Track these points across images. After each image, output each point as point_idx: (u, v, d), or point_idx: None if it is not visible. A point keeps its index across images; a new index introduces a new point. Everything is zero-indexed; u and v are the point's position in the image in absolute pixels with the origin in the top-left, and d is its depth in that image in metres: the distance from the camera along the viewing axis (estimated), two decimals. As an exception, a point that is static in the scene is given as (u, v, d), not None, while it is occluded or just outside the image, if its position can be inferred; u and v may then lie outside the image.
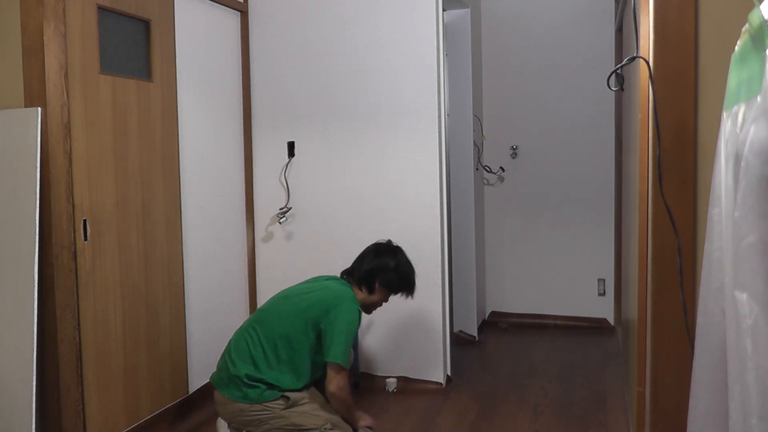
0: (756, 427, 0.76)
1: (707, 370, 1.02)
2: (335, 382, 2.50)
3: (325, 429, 2.50)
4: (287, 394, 2.52)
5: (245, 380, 2.52)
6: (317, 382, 2.71)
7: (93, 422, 2.68)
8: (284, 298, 2.70)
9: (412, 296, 2.83)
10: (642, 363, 2.34)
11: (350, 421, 2.63)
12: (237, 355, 2.58)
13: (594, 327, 4.67)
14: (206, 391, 3.37)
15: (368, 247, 2.85)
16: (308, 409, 2.52)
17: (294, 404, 2.52)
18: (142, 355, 2.95)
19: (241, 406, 2.49)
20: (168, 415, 3.09)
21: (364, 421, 2.72)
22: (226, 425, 2.70)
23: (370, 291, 2.74)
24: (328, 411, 2.55)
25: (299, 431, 2.52)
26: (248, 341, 2.59)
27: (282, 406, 2.50)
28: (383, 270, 2.73)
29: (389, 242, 2.87)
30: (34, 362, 2.39)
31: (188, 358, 3.25)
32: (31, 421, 2.37)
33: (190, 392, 3.26)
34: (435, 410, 3.28)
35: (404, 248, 3.55)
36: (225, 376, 2.57)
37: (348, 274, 2.80)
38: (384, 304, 2.85)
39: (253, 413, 2.50)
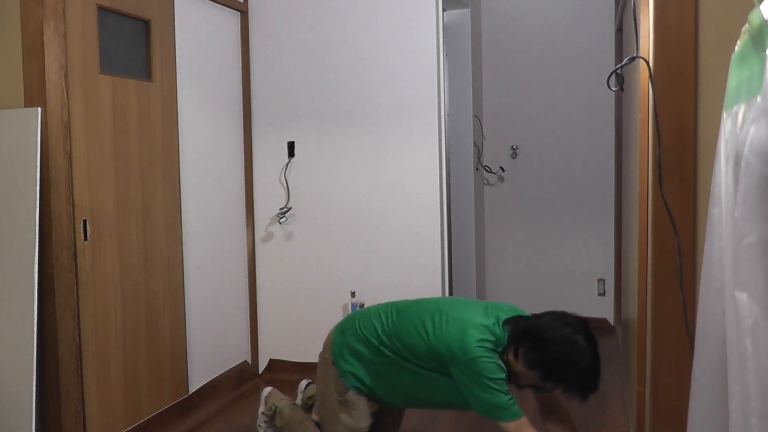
0: (756, 427, 0.76)
1: (707, 370, 1.02)
2: None
3: None
4: (351, 389, 2.33)
5: (352, 348, 2.34)
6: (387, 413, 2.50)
7: (93, 422, 2.68)
8: (436, 309, 2.24)
9: (582, 400, 2.12)
10: (642, 363, 2.34)
11: None
12: (365, 323, 2.34)
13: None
14: (206, 391, 3.37)
15: (556, 312, 2.19)
16: (342, 418, 2.34)
17: (346, 403, 2.35)
18: (142, 355, 2.95)
19: (327, 354, 2.42)
20: (168, 415, 3.09)
21: None
22: (266, 394, 2.71)
23: (515, 356, 2.08)
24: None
25: (320, 423, 2.47)
26: (381, 322, 2.32)
27: (336, 393, 2.37)
28: (533, 337, 2.03)
29: (580, 320, 2.17)
30: (34, 362, 2.39)
31: (188, 358, 3.25)
32: (31, 421, 2.37)
33: (190, 392, 3.26)
34: (435, 411, 3.27)
35: (404, 248, 3.57)
36: (347, 326, 2.39)
37: (512, 322, 2.16)
38: (543, 388, 2.17)
39: (326, 370, 2.41)
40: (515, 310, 2.25)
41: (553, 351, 1.99)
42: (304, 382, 2.96)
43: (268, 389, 2.83)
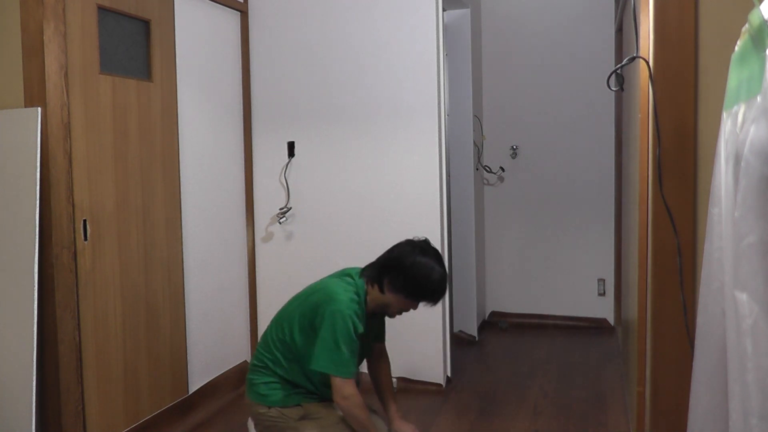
0: (756, 427, 0.76)
1: (707, 370, 1.02)
2: (335, 392, 2.25)
3: None
4: (303, 403, 2.38)
5: (261, 380, 2.40)
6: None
7: (93, 422, 2.68)
8: (297, 297, 2.47)
9: (432, 304, 2.35)
10: (642, 363, 2.34)
11: None
12: (256, 354, 2.45)
13: (594, 327, 4.67)
14: (206, 391, 3.37)
15: (399, 242, 2.43)
16: (321, 425, 2.34)
17: (307, 416, 2.37)
18: (142, 355, 2.95)
19: (260, 409, 2.38)
20: (168, 415, 3.09)
21: None
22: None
23: (381, 290, 2.33)
24: (342, 428, 2.35)
25: None
26: (267, 340, 2.43)
27: (297, 416, 2.36)
28: (394, 267, 2.30)
29: (423, 240, 2.40)
30: (34, 362, 2.39)
31: (188, 358, 3.25)
32: (31, 421, 2.37)
33: (190, 392, 3.26)
34: (435, 410, 3.28)
35: (404, 248, 3.56)
36: (251, 376, 2.44)
37: (366, 269, 2.42)
38: (412, 310, 2.40)
39: (271, 418, 2.38)
40: (357, 268, 2.47)
41: (413, 272, 2.26)
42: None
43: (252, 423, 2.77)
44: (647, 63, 1.93)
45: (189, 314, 3.27)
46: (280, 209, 3.76)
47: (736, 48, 0.93)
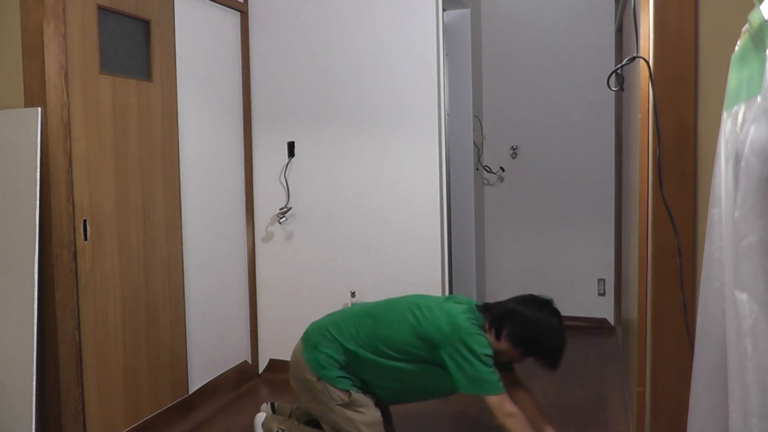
0: (756, 427, 0.76)
1: (707, 370, 1.02)
2: (498, 412, 2.24)
3: None
4: (352, 391, 2.39)
5: (327, 350, 2.40)
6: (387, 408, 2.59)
7: (93, 422, 2.68)
8: (412, 304, 2.43)
9: (551, 369, 2.38)
10: (642, 363, 2.34)
11: None
12: (332, 327, 2.45)
13: (594, 327, 4.67)
14: (206, 391, 3.37)
15: (525, 295, 2.48)
16: (357, 418, 2.36)
17: (350, 405, 2.38)
18: (142, 355, 2.95)
19: (309, 375, 2.42)
20: (168, 415, 3.09)
21: None
22: (262, 421, 2.69)
23: (497, 337, 2.34)
24: (375, 431, 2.39)
25: None
26: (359, 326, 2.43)
27: (340, 401, 2.39)
28: (516, 317, 2.32)
29: (550, 301, 2.45)
30: (34, 362, 2.39)
31: (188, 358, 3.25)
32: (31, 421, 2.37)
33: (190, 392, 3.26)
34: (435, 410, 3.28)
35: (404, 248, 3.57)
36: (317, 339, 2.45)
37: (485, 309, 2.43)
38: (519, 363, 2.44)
39: (315, 388, 2.42)
40: (474, 302, 2.48)
41: (535, 330, 2.31)
42: (260, 418, 2.83)
43: (261, 415, 2.76)
44: (647, 63, 1.93)
45: (189, 314, 3.27)
46: (280, 209, 3.76)
47: (736, 48, 0.93)
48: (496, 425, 2.30)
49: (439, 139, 3.48)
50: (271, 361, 3.84)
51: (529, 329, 2.31)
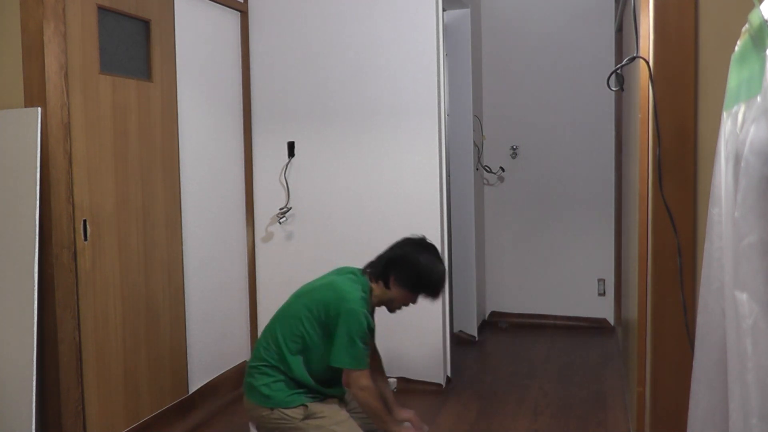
0: (756, 427, 0.76)
1: (707, 370, 1.02)
2: (352, 384, 2.34)
3: None
4: (307, 403, 2.38)
5: (262, 381, 2.39)
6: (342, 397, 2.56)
7: (93, 422, 2.68)
8: (298, 295, 2.53)
9: (433, 299, 2.51)
10: (642, 363, 2.34)
11: (383, 430, 2.39)
12: (256, 355, 2.47)
13: (594, 327, 4.67)
14: (206, 391, 3.37)
15: (398, 240, 2.56)
16: (325, 423, 2.35)
17: (311, 416, 2.37)
18: (142, 355, 2.95)
19: (263, 412, 2.38)
20: (168, 415, 3.09)
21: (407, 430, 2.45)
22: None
23: (386, 286, 2.45)
24: (346, 428, 2.38)
25: None
26: (267, 339, 2.46)
27: (300, 416, 2.37)
28: (399, 264, 2.43)
29: (421, 238, 2.55)
30: (34, 362, 2.39)
31: (188, 359, 3.25)
32: (31, 421, 2.37)
33: (190, 392, 3.26)
34: (435, 410, 3.28)
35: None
36: (248, 380, 2.45)
37: (370, 266, 2.53)
38: (411, 305, 2.54)
39: (273, 421, 2.38)
40: (356, 268, 2.55)
41: (418, 268, 2.42)
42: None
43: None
44: (647, 63, 1.93)
45: (189, 314, 3.27)
46: (280, 209, 3.76)
47: (736, 48, 0.93)
48: (497, 425, 2.30)
49: (439, 139, 3.48)
50: (271, 361, 3.84)
51: (413, 270, 2.42)
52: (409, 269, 2.42)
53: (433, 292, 2.47)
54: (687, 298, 1.65)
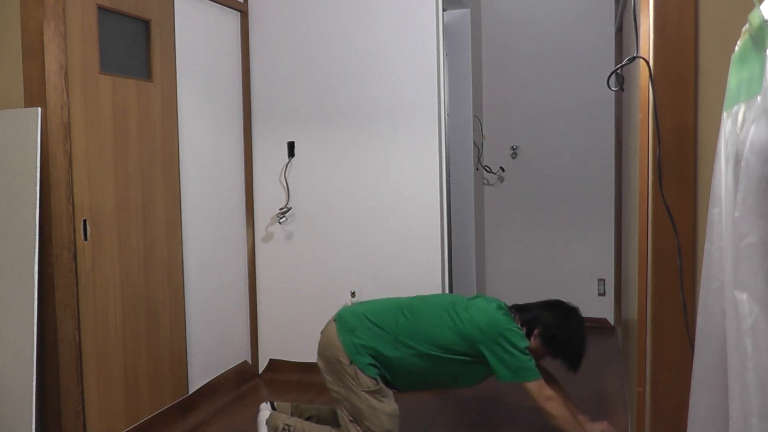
0: (756, 427, 0.76)
1: (707, 370, 1.02)
2: (537, 397, 2.46)
3: None
4: (379, 380, 2.49)
5: (363, 337, 2.50)
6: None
7: (93, 422, 2.68)
8: (448, 302, 2.61)
9: (573, 371, 2.63)
10: (642, 363, 2.34)
11: None
12: (378, 320, 2.55)
13: (594, 327, 4.66)
14: (206, 391, 3.37)
15: (553, 300, 2.71)
16: (379, 407, 2.46)
17: (377, 393, 2.47)
18: (142, 355, 2.95)
19: (341, 356, 2.48)
20: (168, 415, 3.09)
21: None
22: (266, 418, 2.69)
23: (528, 335, 2.56)
24: (391, 424, 2.48)
25: (357, 420, 2.50)
26: (397, 317, 2.55)
27: (367, 387, 2.46)
28: (550, 321, 2.56)
29: (576, 308, 2.68)
30: (34, 362, 2.39)
31: (188, 358, 3.25)
32: (31, 421, 2.37)
33: (190, 392, 3.26)
34: (435, 410, 3.28)
35: (404, 248, 3.57)
36: (354, 324, 2.54)
37: (517, 309, 2.64)
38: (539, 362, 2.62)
39: (344, 368, 2.48)
40: (501, 302, 2.67)
41: (565, 334, 2.55)
42: (263, 416, 2.79)
43: (265, 413, 2.74)
44: (647, 63, 1.93)
45: (189, 314, 3.27)
46: (280, 209, 3.76)
47: (736, 48, 0.93)
48: (496, 426, 2.31)
49: (439, 139, 3.48)
50: (271, 361, 3.84)
51: (560, 333, 2.54)
52: (558, 330, 2.56)
53: (572, 362, 2.59)
54: (687, 298, 1.65)
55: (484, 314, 2.52)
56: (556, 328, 2.55)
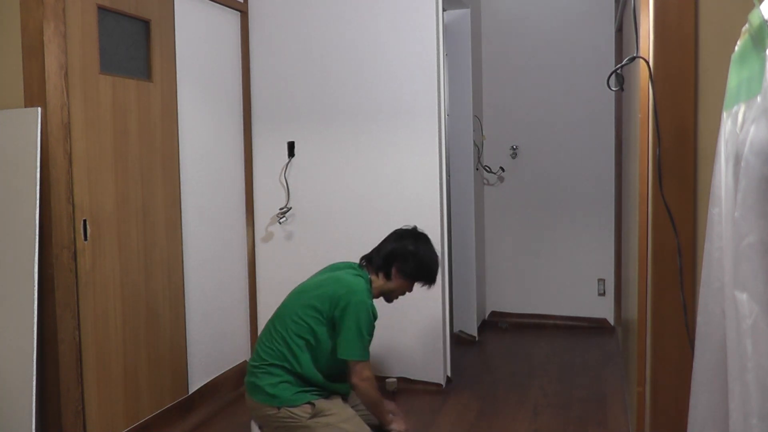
0: (756, 427, 0.76)
1: (707, 370, 1.02)
2: (354, 375, 2.40)
3: None
4: (313, 401, 2.38)
5: (267, 380, 2.39)
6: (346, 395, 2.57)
7: (93, 422, 2.68)
8: (299, 293, 2.55)
9: (430, 286, 2.64)
10: (642, 363, 2.34)
11: (379, 418, 2.50)
12: (259, 355, 2.46)
13: (594, 327, 4.67)
14: (206, 391, 3.37)
15: (391, 232, 2.69)
16: (333, 421, 2.36)
17: (319, 413, 2.38)
18: (142, 355, 2.95)
19: (268, 411, 2.37)
20: (168, 415, 3.09)
21: (397, 425, 2.54)
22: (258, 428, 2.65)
23: (387, 278, 2.56)
24: (354, 425, 2.40)
25: None
26: (271, 338, 2.46)
27: (308, 415, 2.36)
28: (401, 255, 2.56)
29: (414, 228, 2.68)
30: (34, 362, 2.39)
31: (188, 358, 3.25)
32: (31, 421, 2.37)
33: (190, 392, 3.26)
34: (435, 410, 3.28)
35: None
36: (251, 380, 2.45)
37: (367, 260, 2.63)
38: (407, 293, 2.65)
39: (280, 419, 2.38)
40: (353, 263, 2.65)
41: (419, 258, 2.56)
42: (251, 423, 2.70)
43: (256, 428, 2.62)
44: (647, 63, 1.93)
45: (189, 314, 3.27)
46: (280, 209, 3.76)
47: (736, 48, 0.93)
48: (497, 425, 2.30)
49: (439, 139, 3.48)
50: (271, 361, 3.84)
51: (415, 260, 2.55)
52: (410, 260, 2.55)
53: (431, 278, 2.60)
54: (687, 298, 1.65)
55: (336, 283, 2.47)
56: (409, 260, 2.55)
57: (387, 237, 2.68)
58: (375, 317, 2.46)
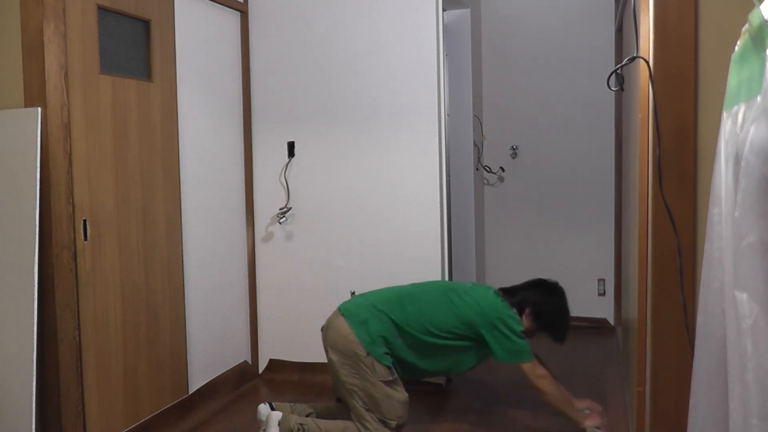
0: (756, 427, 0.76)
1: (707, 370, 1.02)
2: (531, 375, 2.70)
3: (387, 421, 2.58)
4: (393, 369, 2.61)
5: (376, 327, 2.61)
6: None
7: (93, 422, 2.68)
8: (448, 291, 2.78)
9: (559, 342, 2.91)
10: (642, 363, 2.34)
11: (571, 417, 2.73)
12: (387, 308, 2.69)
13: (594, 327, 4.67)
14: (206, 391, 3.37)
15: (535, 279, 2.97)
16: (394, 395, 2.58)
17: (393, 383, 2.59)
18: (142, 355, 2.95)
19: (357, 349, 2.58)
20: (168, 415, 3.09)
21: (592, 420, 2.74)
22: (278, 419, 2.69)
23: (519, 315, 2.80)
24: (404, 411, 2.62)
25: (372, 409, 2.59)
26: (401, 306, 2.70)
27: (385, 377, 2.57)
28: (538, 300, 2.82)
29: (556, 283, 2.97)
30: (34, 362, 2.39)
31: (188, 358, 3.25)
32: (31, 421, 2.37)
33: (190, 392, 3.26)
34: (435, 410, 3.28)
35: (404, 249, 3.58)
36: (365, 315, 2.66)
37: (505, 292, 2.87)
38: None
39: (361, 361, 2.57)
40: (494, 288, 2.91)
41: (555, 311, 2.85)
42: (275, 416, 2.74)
43: (277, 415, 2.70)
44: (647, 63, 1.93)
45: (189, 314, 3.27)
46: (280, 209, 3.76)
47: (736, 48, 0.93)
48: (497, 425, 2.31)
49: (439, 139, 3.48)
50: (271, 361, 3.84)
51: (547, 309, 2.81)
52: (547, 308, 2.83)
53: (559, 337, 2.89)
54: (687, 298, 1.65)
55: (483, 300, 2.73)
56: (543, 305, 2.82)
57: (530, 281, 2.96)
58: (521, 325, 2.79)
